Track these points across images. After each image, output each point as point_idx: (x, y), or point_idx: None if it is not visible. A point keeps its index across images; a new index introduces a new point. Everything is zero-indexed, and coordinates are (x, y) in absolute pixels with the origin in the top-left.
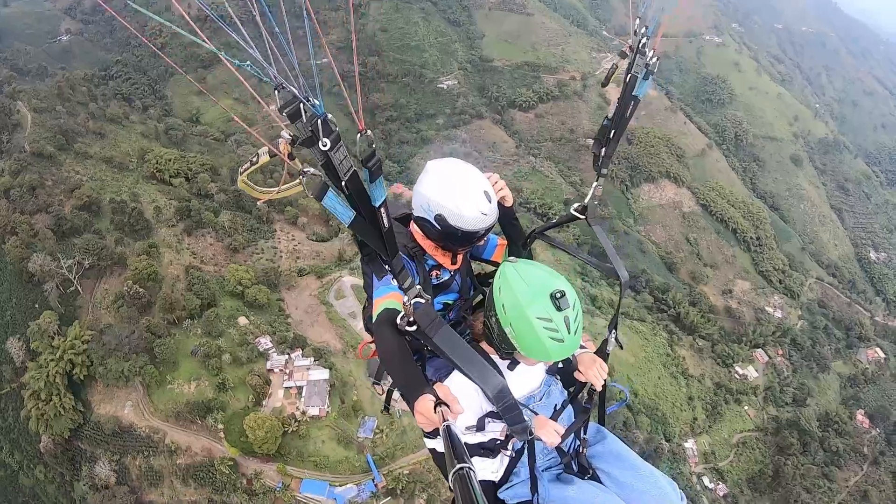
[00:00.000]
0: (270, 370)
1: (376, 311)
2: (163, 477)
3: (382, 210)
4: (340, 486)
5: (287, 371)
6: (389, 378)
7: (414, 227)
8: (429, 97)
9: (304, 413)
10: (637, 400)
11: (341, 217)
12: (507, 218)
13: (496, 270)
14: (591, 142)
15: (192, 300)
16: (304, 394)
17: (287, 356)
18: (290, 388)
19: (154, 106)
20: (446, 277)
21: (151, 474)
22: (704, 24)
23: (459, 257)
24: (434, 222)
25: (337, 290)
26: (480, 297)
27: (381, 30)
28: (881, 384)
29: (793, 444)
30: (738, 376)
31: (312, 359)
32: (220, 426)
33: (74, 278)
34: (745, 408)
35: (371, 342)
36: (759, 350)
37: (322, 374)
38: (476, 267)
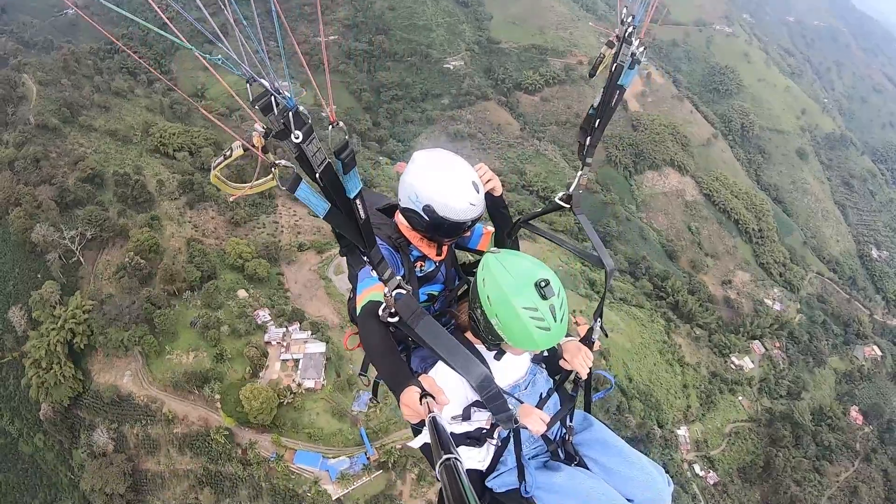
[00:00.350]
0: (268, 343)
1: (360, 303)
2: (160, 445)
3: (358, 201)
4: (333, 458)
5: (284, 344)
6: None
7: (399, 217)
8: (435, 77)
9: (299, 385)
10: (631, 385)
11: (316, 209)
12: (496, 207)
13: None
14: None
15: (193, 272)
16: (300, 366)
17: (285, 329)
18: (287, 360)
19: (158, 80)
20: (431, 269)
21: (148, 443)
22: (715, 14)
23: (445, 248)
24: (422, 213)
25: (336, 265)
26: (465, 287)
27: (389, 8)
28: (877, 382)
29: (785, 436)
30: (733, 367)
31: (310, 332)
32: (217, 396)
33: (77, 249)
34: (740, 398)
35: (356, 333)
36: (756, 342)
37: (319, 347)
38: (460, 256)
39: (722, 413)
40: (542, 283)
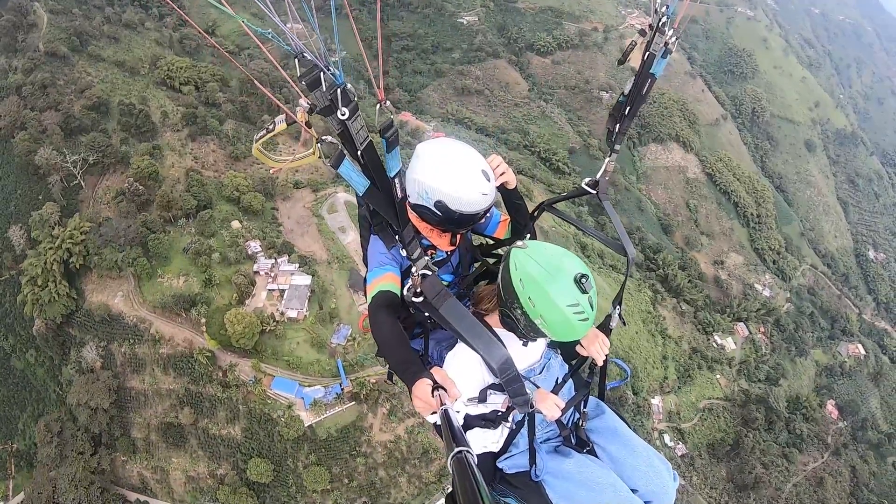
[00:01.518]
0: (256, 272)
1: (370, 293)
2: (145, 364)
3: (397, 180)
4: (309, 386)
5: (272, 275)
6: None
7: (409, 209)
8: (447, 30)
9: (282, 314)
10: (610, 350)
11: (356, 185)
12: (511, 199)
13: (498, 244)
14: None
15: (189, 200)
16: (285, 297)
17: (274, 261)
18: (273, 290)
19: (171, 14)
20: (441, 258)
21: (135, 361)
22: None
23: (458, 238)
24: (434, 209)
25: (330, 204)
26: (482, 270)
27: None
28: (857, 380)
29: (757, 418)
30: (715, 345)
31: (297, 265)
32: (203, 319)
33: (78, 173)
34: (718, 376)
35: None
36: (741, 324)
37: (304, 280)
38: (475, 238)
39: (698, 388)
40: (583, 279)
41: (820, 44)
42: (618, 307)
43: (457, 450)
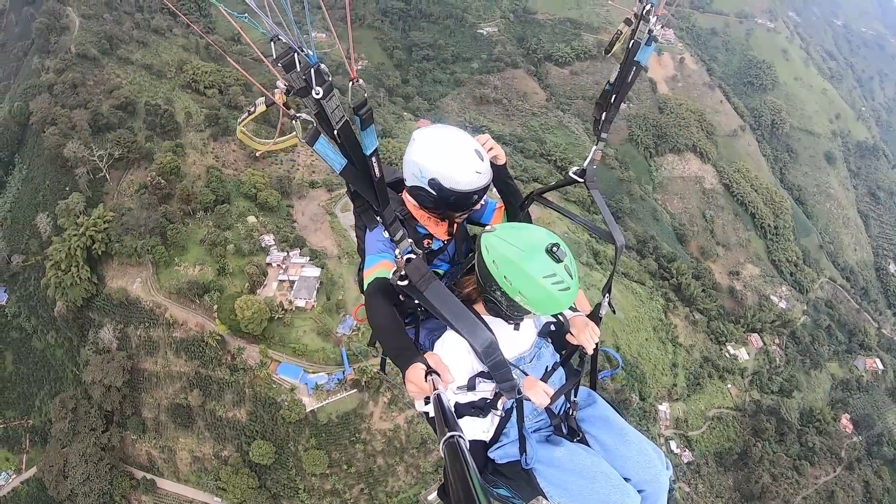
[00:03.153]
0: (269, 264)
1: (367, 280)
2: (159, 347)
3: (374, 159)
4: (313, 373)
5: (283, 266)
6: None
7: (407, 196)
8: (467, 41)
9: (290, 303)
10: (619, 354)
11: (332, 164)
12: (500, 177)
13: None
14: (623, 105)
15: (208, 195)
16: (294, 287)
17: (286, 253)
18: (284, 281)
19: (197, 22)
20: (437, 247)
21: (149, 344)
22: (759, 7)
23: (455, 226)
24: (428, 188)
25: (344, 203)
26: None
27: None
28: (874, 395)
29: (767, 428)
30: (728, 355)
31: (308, 258)
32: (215, 305)
33: (104, 167)
34: (729, 386)
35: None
36: (755, 335)
37: (314, 271)
38: (471, 230)
39: (708, 397)
40: (554, 248)
41: (842, 55)
42: (607, 296)
43: (448, 434)
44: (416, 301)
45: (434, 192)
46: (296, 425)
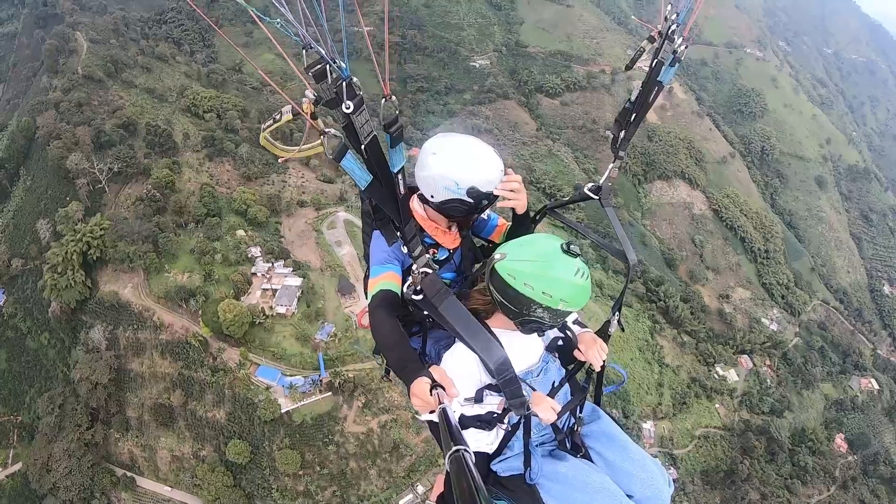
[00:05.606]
0: (254, 274)
1: (371, 291)
2: (145, 349)
3: (399, 176)
4: (290, 376)
5: (268, 276)
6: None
7: (415, 205)
8: (460, 73)
9: (272, 308)
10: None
11: (358, 180)
12: (520, 225)
13: (495, 247)
14: (611, 133)
15: (200, 209)
16: (276, 295)
17: (271, 264)
18: (267, 289)
19: (200, 52)
20: (443, 257)
21: (137, 345)
22: (748, 37)
23: (459, 237)
24: (467, 197)
25: (330, 222)
26: (481, 273)
27: (424, 5)
28: (869, 414)
29: (756, 447)
30: (717, 376)
31: (291, 269)
32: (199, 309)
33: (104, 179)
34: (717, 406)
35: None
36: (745, 356)
37: (296, 281)
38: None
39: (695, 416)
40: (568, 245)
41: (833, 82)
42: (617, 313)
43: (454, 448)
44: (427, 314)
45: (472, 201)
46: (271, 425)
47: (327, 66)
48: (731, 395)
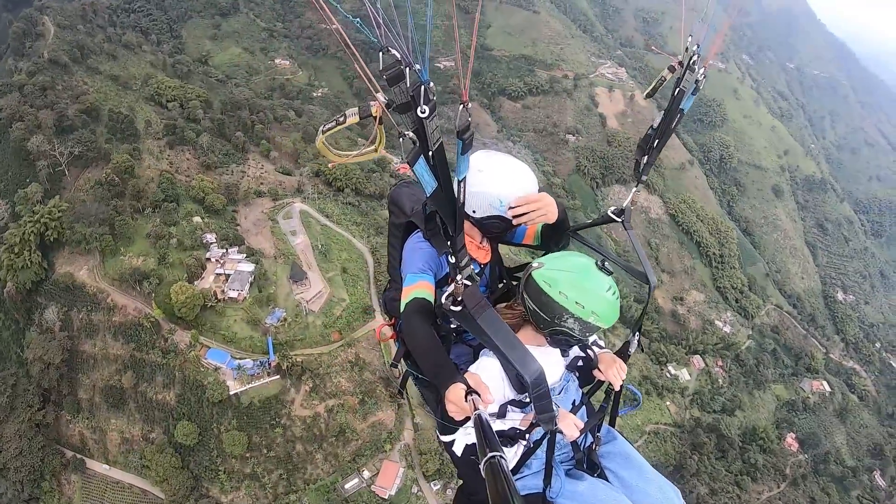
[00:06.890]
0: (208, 259)
1: (405, 299)
2: (98, 331)
3: (462, 184)
4: (240, 359)
5: (221, 261)
6: (405, 364)
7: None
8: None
9: (223, 292)
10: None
11: (426, 185)
12: (558, 231)
13: (524, 266)
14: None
15: (158, 194)
16: (229, 280)
17: (225, 250)
18: (220, 274)
19: (167, 42)
20: (476, 271)
21: (90, 327)
22: (711, 49)
23: (489, 253)
24: (507, 215)
25: (286, 212)
26: (507, 290)
27: (391, 6)
28: (820, 416)
29: (706, 443)
30: (668, 375)
31: (245, 255)
32: (153, 292)
33: (64, 162)
34: (668, 403)
35: (389, 324)
36: (697, 356)
37: (248, 266)
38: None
39: (645, 412)
40: (602, 262)
41: (794, 96)
42: (637, 334)
43: (490, 454)
44: (454, 326)
45: (510, 218)
46: (219, 406)
47: (405, 69)
48: (683, 394)
